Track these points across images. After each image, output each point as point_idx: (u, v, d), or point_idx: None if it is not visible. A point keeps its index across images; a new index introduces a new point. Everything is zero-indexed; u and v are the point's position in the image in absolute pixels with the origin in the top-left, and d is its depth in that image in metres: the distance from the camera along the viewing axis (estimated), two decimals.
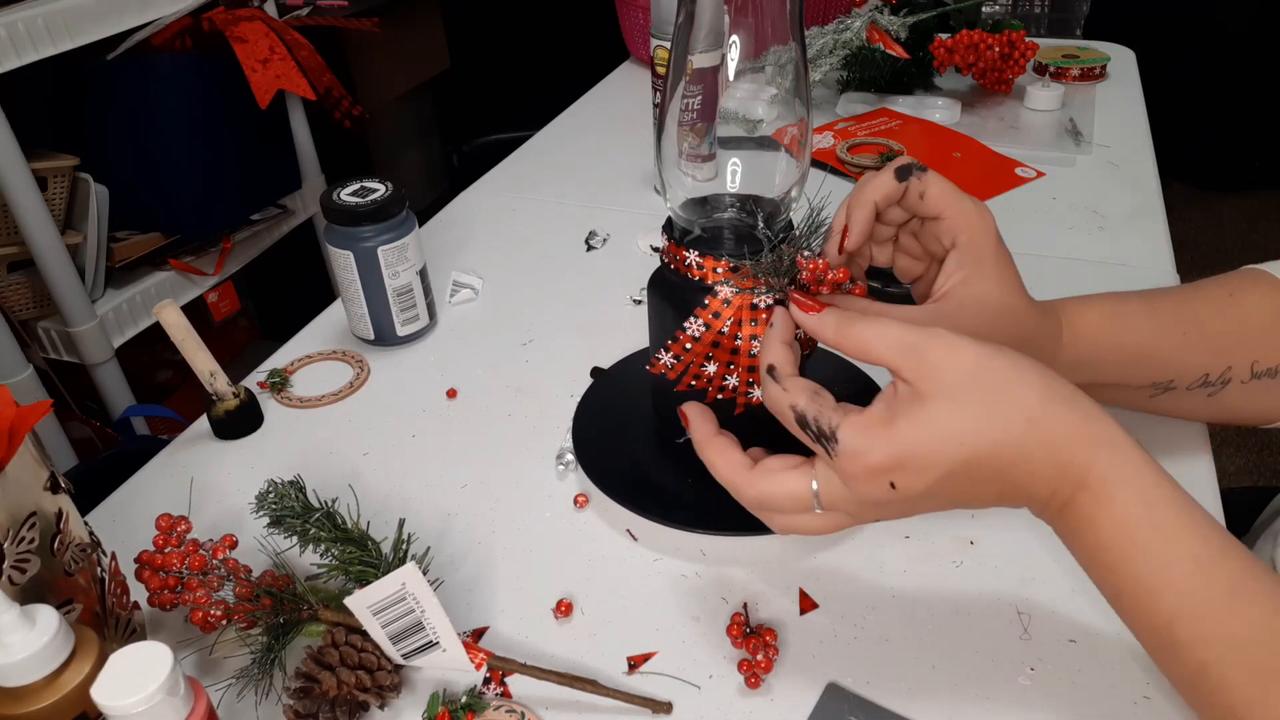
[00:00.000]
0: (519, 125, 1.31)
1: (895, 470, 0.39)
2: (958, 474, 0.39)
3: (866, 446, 0.39)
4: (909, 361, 0.39)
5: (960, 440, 0.38)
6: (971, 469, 0.38)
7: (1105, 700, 0.45)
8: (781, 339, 0.46)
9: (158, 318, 0.62)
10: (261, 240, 1.56)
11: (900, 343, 0.40)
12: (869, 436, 0.39)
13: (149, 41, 1.31)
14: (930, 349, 0.39)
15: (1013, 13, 3.14)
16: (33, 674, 0.37)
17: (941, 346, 0.39)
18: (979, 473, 0.39)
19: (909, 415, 0.39)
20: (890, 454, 0.39)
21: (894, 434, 0.39)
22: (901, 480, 0.39)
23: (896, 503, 0.40)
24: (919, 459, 0.39)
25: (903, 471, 0.39)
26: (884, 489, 0.40)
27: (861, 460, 0.39)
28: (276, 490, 0.50)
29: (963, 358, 0.39)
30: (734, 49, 0.49)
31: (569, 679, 0.46)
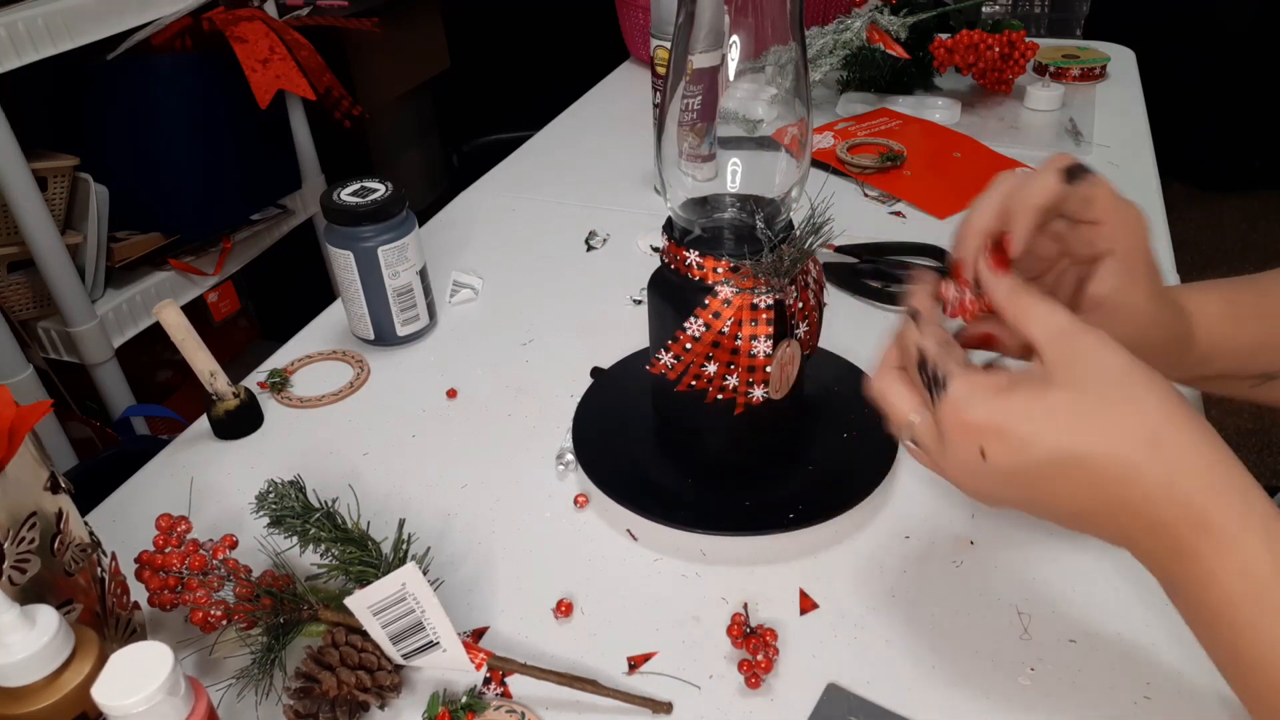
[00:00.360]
0: (519, 125, 1.31)
1: (990, 435, 0.37)
2: (1053, 467, 0.37)
3: (970, 402, 0.38)
4: (1055, 345, 0.38)
5: (1069, 431, 0.36)
6: (1070, 468, 0.36)
7: (1105, 700, 0.45)
8: (930, 293, 0.45)
9: (158, 318, 0.62)
10: (261, 240, 1.56)
11: (1056, 326, 0.38)
12: (977, 393, 0.38)
13: (149, 41, 1.30)
14: (1080, 340, 0.38)
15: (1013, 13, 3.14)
16: (33, 674, 0.37)
17: (1092, 342, 0.37)
18: (1077, 475, 0.36)
19: (1027, 391, 0.37)
20: (991, 417, 0.37)
21: (1003, 400, 0.37)
22: (993, 449, 0.37)
23: (982, 475, 0.39)
24: (1018, 434, 0.37)
25: (998, 440, 0.37)
26: (973, 452, 0.38)
27: (960, 413, 0.38)
28: (276, 490, 0.50)
29: (1107, 360, 0.37)
30: (734, 49, 0.49)
31: (569, 679, 0.46)
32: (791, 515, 0.55)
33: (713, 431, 0.58)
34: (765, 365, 0.52)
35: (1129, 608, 0.50)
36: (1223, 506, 0.35)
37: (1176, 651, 0.47)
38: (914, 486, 0.59)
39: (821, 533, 0.56)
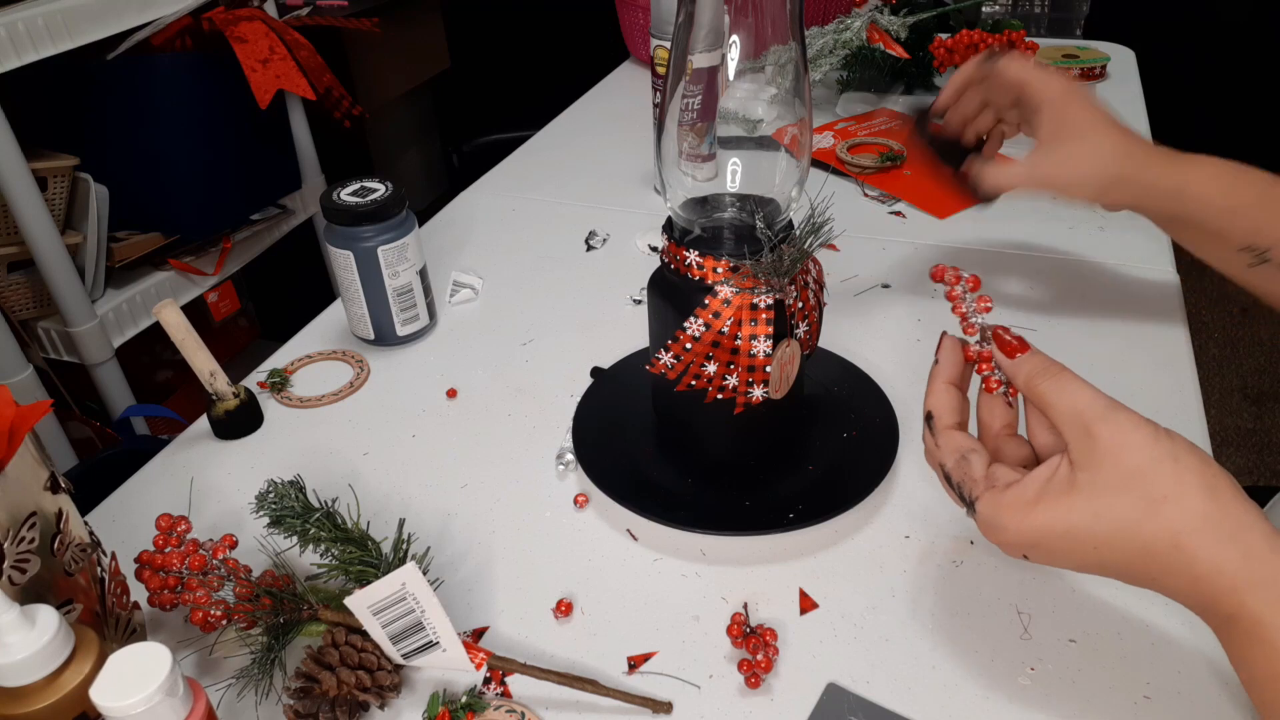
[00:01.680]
0: (519, 125, 1.32)
1: (1028, 548, 0.40)
2: (1094, 567, 0.40)
3: (1000, 524, 0.41)
4: (1077, 441, 0.39)
5: (1095, 544, 0.38)
6: (1108, 565, 0.39)
7: (1105, 700, 0.45)
8: (946, 378, 0.45)
9: (158, 318, 0.62)
10: (261, 240, 1.56)
11: (1075, 416, 0.39)
12: (1004, 517, 0.40)
13: (149, 41, 1.30)
14: (1102, 436, 0.38)
15: (1013, 13, 3.14)
16: (33, 674, 0.37)
17: (1113, 435, 0.38)
18: (1115, 570, 0.39)
19: (1052, 504, 0.39)
20: (1022, 538, 0.40)
21: (1030, 520, 0.39)
22: (1034, 555, 0.41)
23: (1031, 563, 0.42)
24: (1050, 550, 0.40)
25: (1035, 550, 0.40)
26: (1019, 554, 0.41)
27: (995, 534, 0.41)
28: (276, 490, 0.50)
29: (1130, 454, 0.38)
30: (734, 49, 0.49)
31: (569, 679, 0.46)
32: (791, 515, 0.55)
33: (713, 431, 0.58)
34: (765, 365, 0.52)
35: (1129, 608, 0.50)
36: (1244, 605, 0.36)
37: (1176, 651, 0.47)
38: (914, 486, 0.59)
39: (821, 533, 0.56)
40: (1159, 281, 0.79)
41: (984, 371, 0.45)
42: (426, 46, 2.37)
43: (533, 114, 1.28)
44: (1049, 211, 0.91)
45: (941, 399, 0.45)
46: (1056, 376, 0.41)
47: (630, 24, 1.40)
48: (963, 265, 0.82)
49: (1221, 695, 0.45)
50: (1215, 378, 2.14)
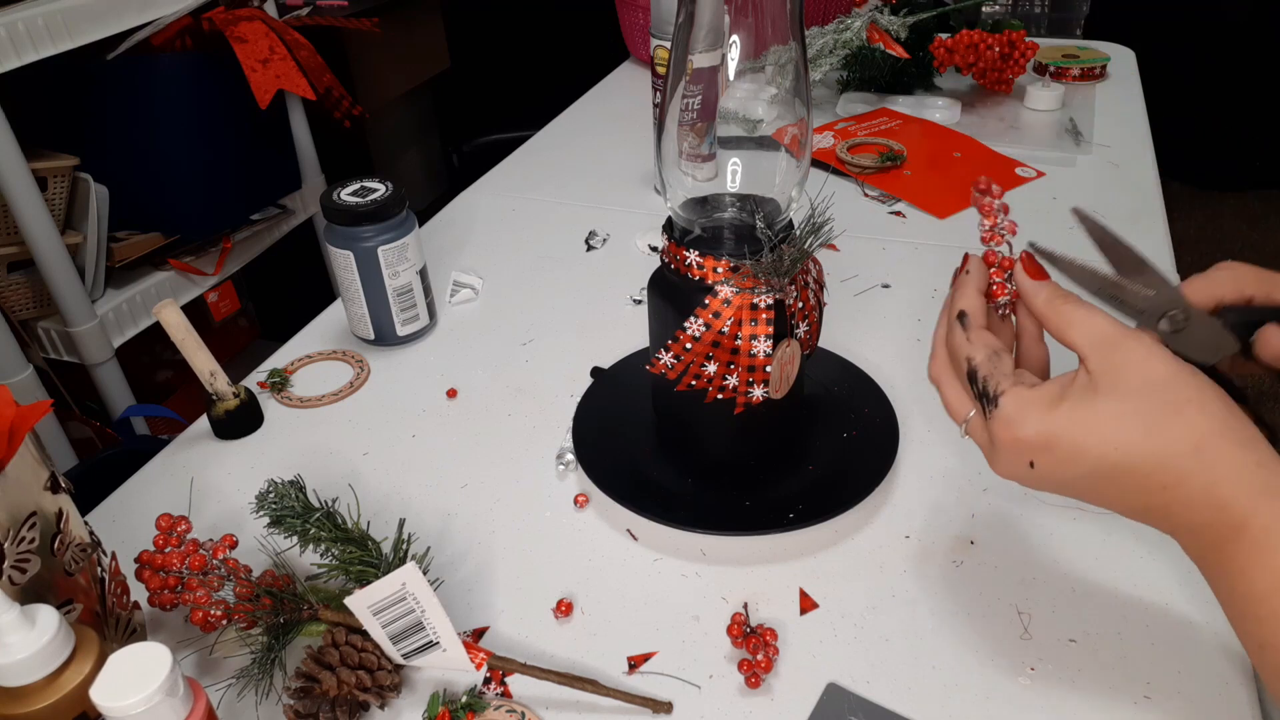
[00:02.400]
0: (519, 125, 1.31)
1: (1040, 451, 0.39)
2: (1101, 476, 0.38)
3: (1022, 419, 0.39)
4: (1099, 353, 0.39)
5: (1116, 444, 0.38)
6: (1118, 476, 0.38)
7: (1105, 700, 0.45)
8: (977, 287, 0.45)
9: (158, 318, 0.62)
10: (261, 240, 1.56)
11: (1100, 333, 0.40)
12: (1028, 411, 0.39)
13: (149, 41, 1.30)
14: (1124, 348, 0.39)
15: (1013, 13, 3.14)
16: (33, 674, 0.37)
17: (1137, 349, 0.39)
18: (1125, 481, 0.38)
19: (1075, 404, 0.39)
20: (1041, 434, 0.39)
21: (1053, 416, 0.39)
22: (1042, 462, 0.39)
23: (1030, 480, 0.41)
24: (1067, 449, 0.39)
25: (1047, 454, 0.39)
26: (1023, 464, 0.40)
27: (1012, 430, 0.40)
28: (276, 490, 0.50)
29: (1153, 367, 0.38)
30: (734, 49, 0.49)
31: (569, 679, 0.46)
32: (791, 515, 0.55)
33: (712, 431, 0.58)
34: (765, 365, 0.52)
35: (1129, 608, 0.50)
36: (1258, 511, 0.36)
37: (1176, 651, 0.47)
38: (914, 486, 0.59)
39: (821, 533, 0.56)
40: None
41: (996, 278, 0.46)
42: (426, 46, 2.37)
43: (533, 114, 1.28)
44: (1048, 211, 0.91)
45: (974, 302, 0.45)
46: (1080, 301, 0.42)
47: (630, 24, 1.40)
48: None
49: (1221, 695, 0.45)
50: None
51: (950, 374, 0.45)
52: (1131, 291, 0.44)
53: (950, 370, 0.45)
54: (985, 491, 0.58)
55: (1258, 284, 0.44)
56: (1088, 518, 0.55)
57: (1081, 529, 0.55)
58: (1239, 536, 0.37)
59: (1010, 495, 0.58)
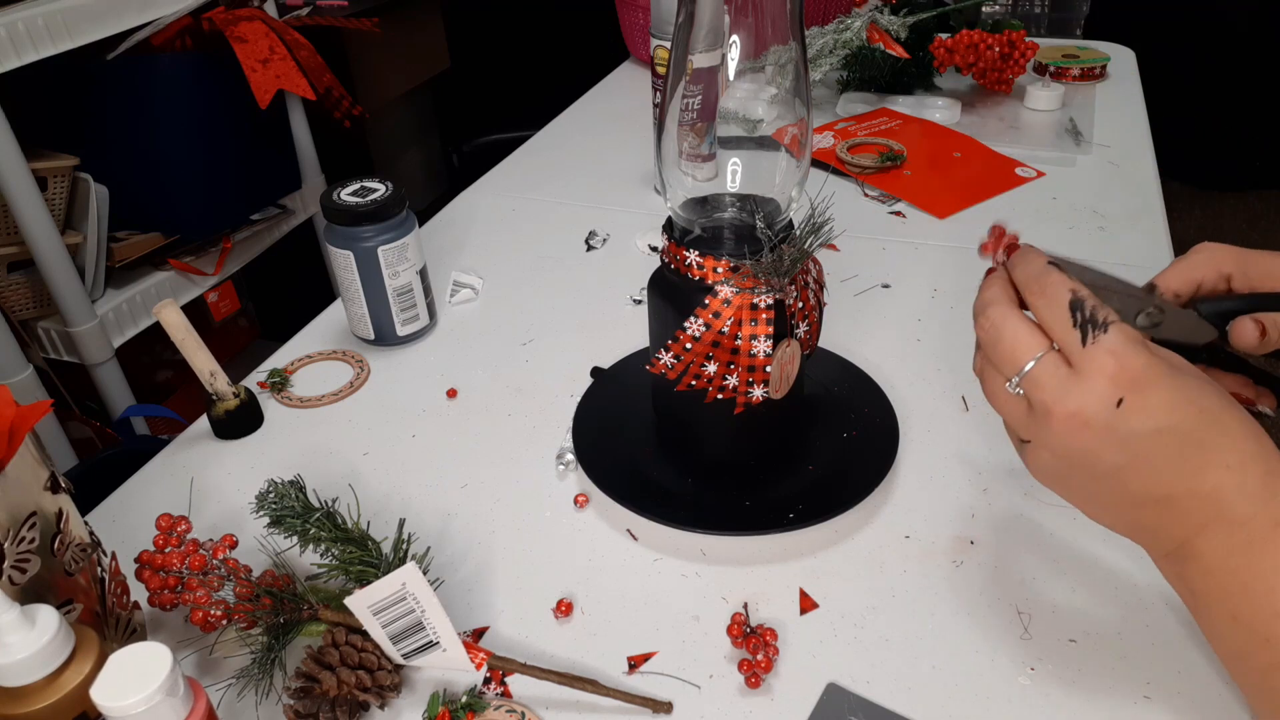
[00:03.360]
0: (519, 125, 1.31)
1: (1136, 389, 0.38)
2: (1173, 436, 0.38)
3: (1129, 350, 0.38)
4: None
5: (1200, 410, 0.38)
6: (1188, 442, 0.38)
7: (1105, 700, 0.45)
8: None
9: (158, 318, 0.62)
10: (261, 240, 1.56)
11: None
12: (1134, 345, 0.38)
13: (149, 41, 1.30)
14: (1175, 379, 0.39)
15: (1013, 13, 3.14)
16: (33, 674, 0.37)
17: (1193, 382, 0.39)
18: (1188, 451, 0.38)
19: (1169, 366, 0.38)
20: (1145, 371, 0.38)
21: (1156, 361, 0.38)
22: (1131, 402, 0.38)
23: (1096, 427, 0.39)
24: (1162, 395, 0.38)
25: (1139, 395, 0.38)
26: (1110, 399, 0.38)
27: (1119, 358, 0.38)
28: (276, 490, 0.50)
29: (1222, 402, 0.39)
30: (734, 49, 0.49)
31: (569, 679, 0.46)
32: (791, 515, 0.55)
33: (712, 431, 0.58)
34: (765, 365, 0.52)
35: (1129, 608, 0.50)
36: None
37: (1176, 651, 0.47)
38: (914, 486, 0.59)
39: (821, 533, 0.56)
40: None
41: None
42: (426, 46, 2.37)
43: (533, 114, 1.28)
44: (1048, 211, 0.91)
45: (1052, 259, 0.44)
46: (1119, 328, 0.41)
47: (630, 24, 1.40)
48: (962, 265, 0.82)
49: (1222, 695, 0.45)
50: None
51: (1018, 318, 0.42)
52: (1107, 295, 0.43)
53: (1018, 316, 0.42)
54: (985, 491, 0.58)
55: (1235, 263, 0.45)
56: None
57: (1082, 529, 0.55)
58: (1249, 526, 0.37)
59: (1010, 495, 0.58)
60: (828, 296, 0.59)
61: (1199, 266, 0.45)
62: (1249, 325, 0.43)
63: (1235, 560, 0.38)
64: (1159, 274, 0.46)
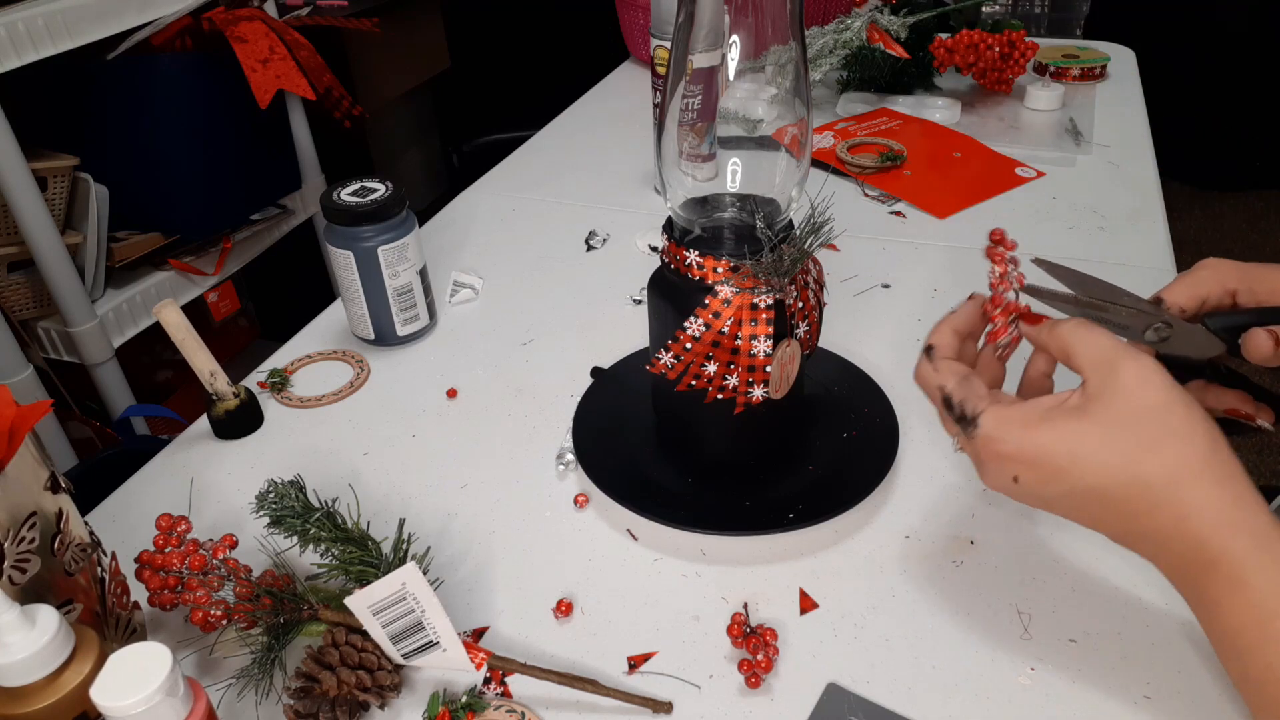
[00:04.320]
0: (519, 125, 1.31)
1: (1022, 466, 0.40)
2: (1081, 496, 0.39)
3: (1002, 436, 0.40)
4: (1098, 374, 0.40)
5: (1093, 468, 0.38)
6: (1094, 498, 0.39)
7: (1105, 700, 0.45)
8: (954, 327, 0.46)
9: (158, 318, 0.62)
10: (261, 240, 1.56)
11: (1100, 353, 0.40)
12: (1007, 429, 0.40)
13: (149, 41, 1.30)
14: (1123, 372, 0.39)
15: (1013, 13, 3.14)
16: (33, 674, 0.37)
17: (1134, 374, 0.39)
18: (1104, 504, 0.39)
19: (1057, 425, 0.39)
20: (1021, 450, 0.40)
21: (1033, 435, 0.40)
22: (1025, 478, 0.40)
23: (1015, 494, 0.41)
24: (1047, 468, 0.39)
25: (1029, 470, 0.40)
26: (1007, 479, 0.41)
27: (993, 446, 0.41)
28: (276, 490, 0.50)
29: (1147, 394, 0.39)
30: (734, 49, 0.49)
31: (569, 679, 0.46)
32: (791, 515, 0.55)
33: (713, 431, 0.58)
34: (765, 365, 0.52)
35: (1129, 608, 0.50)
36: (1232, 544, 0.37)
37: (1176, 651, 0.47)
38: (914, 486, 0.59)
39: (821, 533, 0.56)
40: (1159, 281, 0.79)
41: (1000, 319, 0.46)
42: (426, 46, 2.37)
43: (533, 114, 1.28)
44: (1048, 211, 0.91)
45: (946, 338, 0.46)
46: (1081, 323, 0.42)
47: (630, 24, 1.40)
48: (962, 265, 0.82)
49: (1222, 695, 0.45)
50: None
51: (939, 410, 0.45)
52: (1115, 310, 0.45)
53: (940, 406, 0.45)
54: (985, 491, 0.58)
55: (1239, 278, 0.45)
56: None
57: (1081, 529, 0.55)
58: (1213, 572, 0.37)
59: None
60: (828, 296, 0.59)
61: (1204, 282, 0.46)
62: (1262, 336, 0.43)
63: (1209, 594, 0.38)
64: (1164, 289, 0.46)
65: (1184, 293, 0.46)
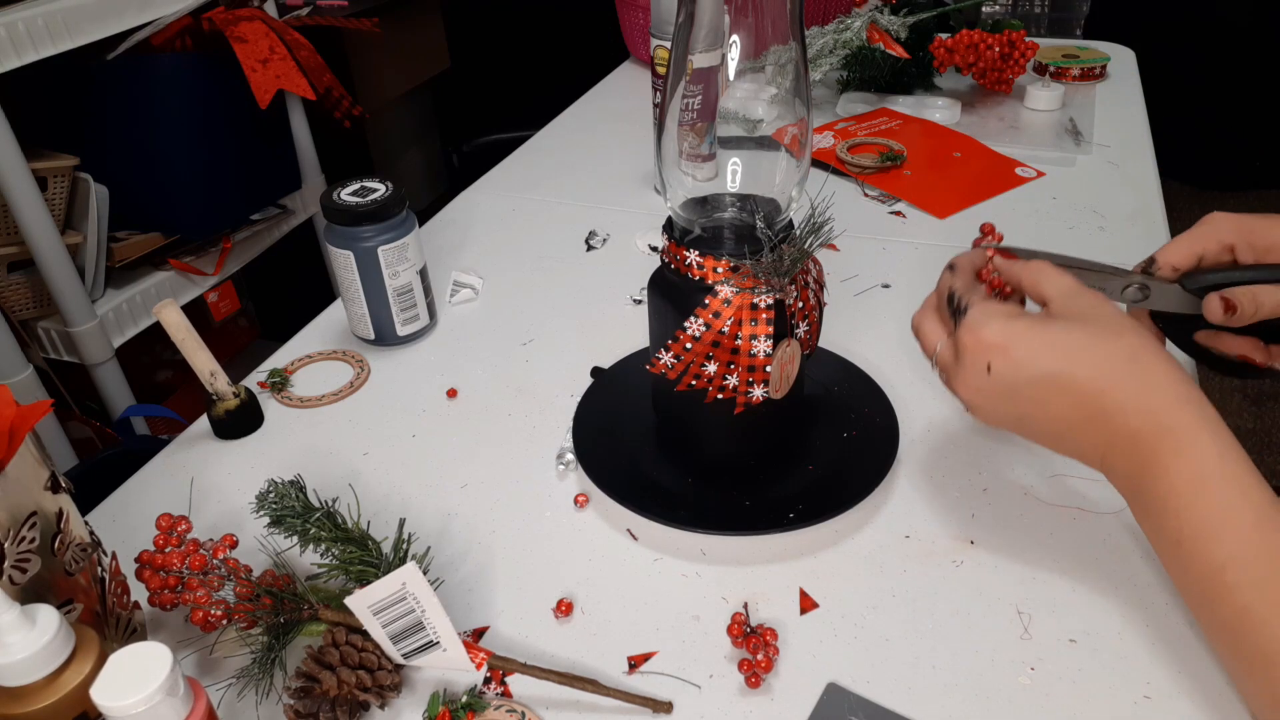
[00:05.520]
0: (519, 125, 1.32)
1: (997, 352, 0.45)
2: (1046, 382, 0.44)
3: (984, 323, 0.46)
4: (1063, 298, 0.46)
5: (1064, 351, 0.44)
6: (1061, 381, 0.44)
7: (1105, 700, 0.45)
8: (972, 260, 0.52)
9: (158, 318, 0.62)
10: (261, 240, 1.56)
11: (1067, 285, 0.47)
12: (990, 316, 0.46)
13: (149, 41, 1.30)
14: (1085, 294, 0.46)
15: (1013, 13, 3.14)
16: (33, 674, 0.37)
17: (1094, 296, 0.46)
18: (1066, 388, 0.44)
19: (1031, 319, 0.45)
20: (1001, 335, 0.45)
21: (1012, 324, 0.45)
22: (998, 364, 0.45)
23: (985, 390, 0.46)
24: (1020, 352, 0.44)
25: (1002, 356, 0.45)
26: (981, 366, 0.45)
27: (974, 331, 0.46)
28: (277, 490, 0.50)
29: (1105, 306, 0.46)
30: (734, 49, 0.49)
31: (569, 679, 0.46)
32: (791, 515, 0.55)
33: (713, 431, 0.58)
34: (765, 365, 0.52)
35: (1129, 608, 0.50)
36: (1182, 413, 0.42)
37: (1176, 651, 0.47)
38: (914, 486, 0.59)
39: (821, 533, 0.56)
40: None
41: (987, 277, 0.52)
42: (426, 46, 2.37)
43: (533, 114, 1.28)
44: (1048, 211, 0.91)
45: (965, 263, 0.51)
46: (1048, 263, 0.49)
47: (630, 24, 1.40)
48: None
49: (1222, 695, 0.45)
50: (1215, 378, 2.14)
51: (932, 317, 0.51)
52: (1094, 276, 0.50)
53: (933, 315, 0.51)
54: (985, 491, 0.58)
55: (1237, 232, 0.51)
56: (1088, 517, 0.55)
57: (1082, 529, 0.55)
58: (1164, 437, 0.42)
59: (1010, 495, 0.58)
60: (828, 296, 0.59)
61: (1201, 239, 0.51)
62: (1215, 301, 0.48)
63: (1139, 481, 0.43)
64: (1162, 247, 0.51)
65: (1179, 250, 0.50)
